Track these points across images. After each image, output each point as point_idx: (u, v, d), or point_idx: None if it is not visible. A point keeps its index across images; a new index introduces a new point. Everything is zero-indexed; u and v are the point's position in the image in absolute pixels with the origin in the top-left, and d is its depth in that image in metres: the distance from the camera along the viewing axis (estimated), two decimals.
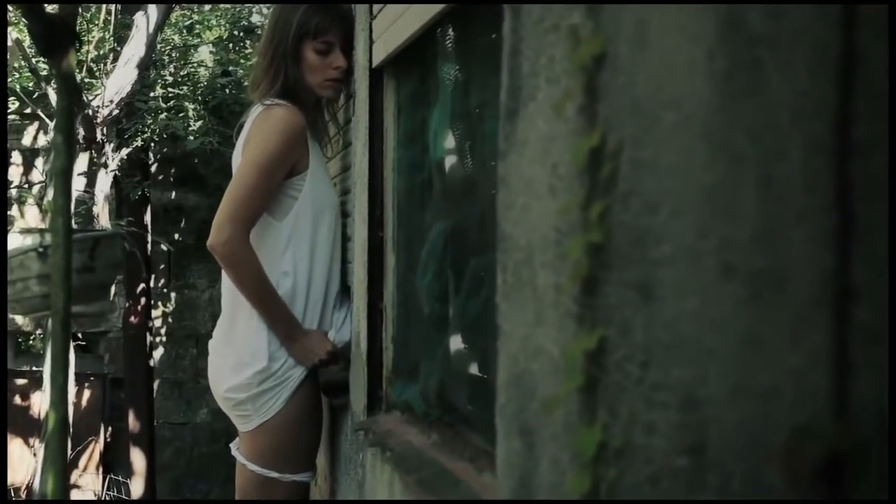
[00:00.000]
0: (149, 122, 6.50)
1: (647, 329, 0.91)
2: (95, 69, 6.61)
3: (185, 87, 6.88)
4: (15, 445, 7.97)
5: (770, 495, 0.73)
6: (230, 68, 7.12)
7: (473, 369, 2.02)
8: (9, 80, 6.86)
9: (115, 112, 5.98)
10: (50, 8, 2.21)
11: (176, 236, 8.06)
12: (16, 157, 8.06)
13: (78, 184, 6.29)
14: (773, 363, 0.73)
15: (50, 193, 5.14)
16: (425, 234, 2.36)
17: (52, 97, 5.78)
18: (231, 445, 3.14)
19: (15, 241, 4.48)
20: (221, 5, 7.58)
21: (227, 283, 2.89)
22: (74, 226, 5.47)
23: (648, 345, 0.91)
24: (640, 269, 0.92)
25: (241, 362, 2.85)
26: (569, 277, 1.07)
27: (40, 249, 4.30)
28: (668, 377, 0.87)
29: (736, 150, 0.78)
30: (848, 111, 0.65)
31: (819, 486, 0.68)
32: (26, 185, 7.91)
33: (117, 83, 5.88)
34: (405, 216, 2.58)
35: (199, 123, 6.63)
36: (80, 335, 7.82)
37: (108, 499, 7.85)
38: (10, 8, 4.58)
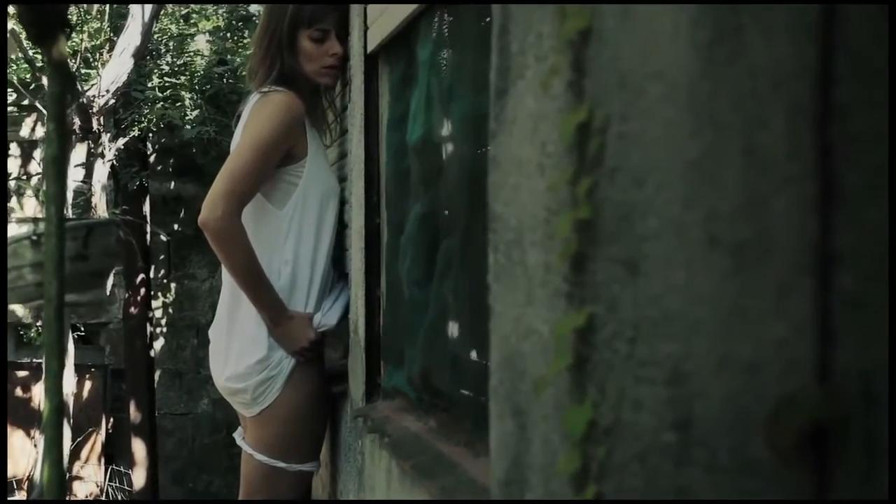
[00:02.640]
0: (145, 111, 6.48)
1: (634, 305, 0.90)
2: (91, 59, 6.60)
3: (181, 77, 6.86)
4: (16, 437, 7.98)
5: (756, 468, 0.73)
6: (227, 57, 7.10)
7: (454, 352, 2.01)
8: (6, 70, 6.85)
9: (112, 102, 5.97)
10: None
11: (175, 226, 8.05)
12: (14, 148, 8.05)
13: (76, 174, 6.28)
14: (758, 335, 0.73)
15: (44, 183, 5.14)
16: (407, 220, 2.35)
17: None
18: (235, 435, 3.14)
19: (11, 230, 4.47)
20: None
21: (227, 271, 2.88)
22: (72, 215, 5.47)
23: (636, 320, 0.90)
24: (628, 245, 0.92)
25: (241, 350, 2.85)
26: (558, 255, 1.06)
27: (34, 237, 4.29)
28: (655, 352, 0.86)
29: (720, 120, 0.77)
30: (828, 73, 0.64)
31: (803, 455, 0.67)
32: (24, 177, 7.90)
33: (113, 72, 5.87)
34: (392, 202, 2.58)
35: (195, 113, 6.61)
36: (80, 327, 7.82)
37: (109, 490, 7.87)
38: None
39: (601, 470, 0.97)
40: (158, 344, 8.12)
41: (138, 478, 7.30)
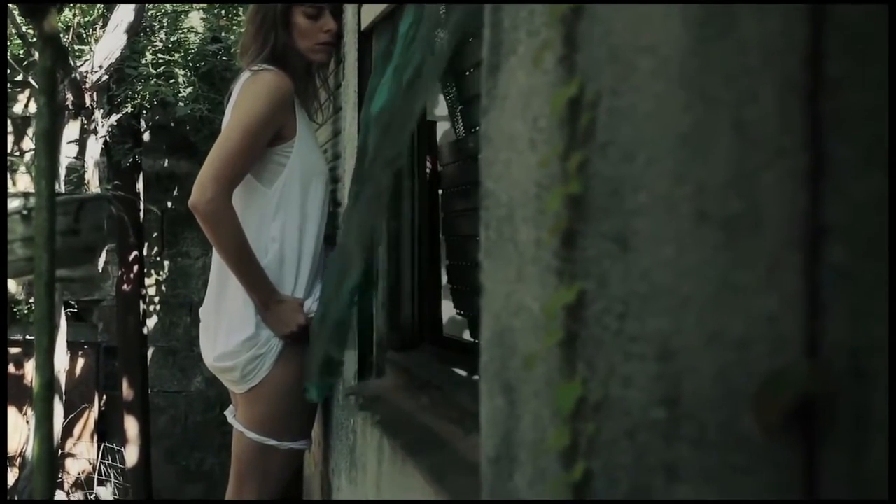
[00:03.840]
0: (139, 88, 6.46)
1: (624, 280, 0.90)
2: (84, 34, 6.56)
3: (175, 54, 6.83)
4: (8, 414, 7.98)
5: (745, 444, 0.72)
6: (221, 35, 7.07)
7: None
8: None
9: (105, 78, 5.95)
10: None
11: (168, 204, 8.03)
12: (7, 124, 8.03)
13: (69, 151, 6.26)
14: (747, 309, 0.72)
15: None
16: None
17: None
18: (227, 413, 3.14)
19: None
20: None
21: (217, 253, 2.88)
22: (64, 191, 5.45)
23: (626, 296, 0.90)
24: (618, 220, 0.91)
25: (230, 329, 2.85)
26: (549, 231, 1.06)
27: (24, 212, 4.27)
28: (645, 328, 0.86)
29: (710, 94, 0.77)
30: (819, 47, 0.63)
31: (791, 430, 0.67)
32: (18, 153, 7.87)
33: (106, 49, 5.84)
34: (356, 175, 2.56)
35: (189, 90, 6.59)
36: (73, 303, 7.81)
37: (101, 468, 7.88)
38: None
39: (590, 446, 0.96)
40: (151, 321, 8.11)
41: (131, 455, 7.30)
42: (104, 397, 8.36)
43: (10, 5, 6.01)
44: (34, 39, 6.08)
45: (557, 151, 1.03)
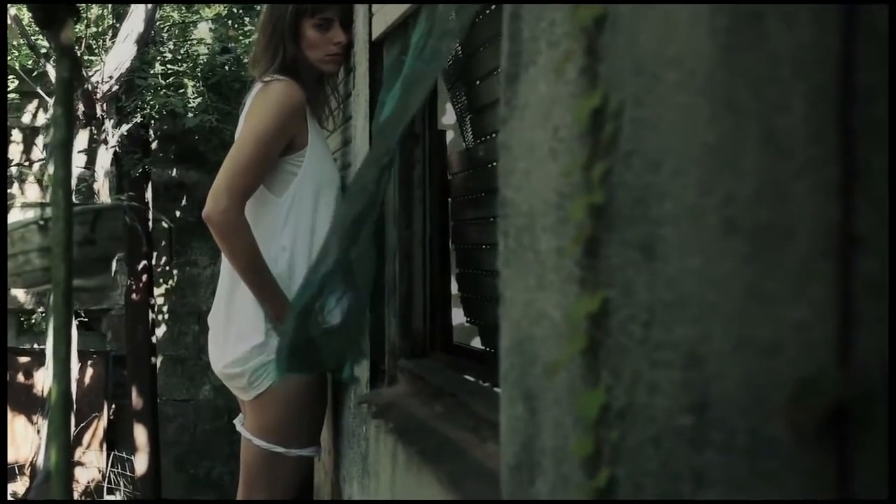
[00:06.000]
0: (148, 98, 6.48)
1: (649, 288, 0.91)
2: (95, 45, 6.59)
3: (184, 64, 6.86)
4: (18, 423, 7.99)
5: (776, 450, 0.73)
6: (230, 45, 7.09)
7: None
8: (8, 57, 6.84)
9: (115, 88, 5.97)
10: None
11: (177, 213, 8.05)
12: (16, 135, 8.05)
13: (78, 160, 6.28)
14: (776, 317, 0.73)
15: (51, 168, 5.13)
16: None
17: (52, 74, 5.77)
18: (235, 422, 3.15)
19: (16, 215, 4.47)
20: None
21: (231, 265, 2.89)
22: (75, 201, 5.47)
23: (651, 304, 0.90)
24: (643, 229, 0.92)
25: (238, 336, 2.86)
26: (571, 240, 1.06)
27: (41, 222, 4.29)
28: (671, 336, 0.87)
29: (738, 105, 0.77)
30: (851, 58, 0.64)
31: (824, 438, 0.67)
32: (27, 163, 7.89)
33: (116, 59, 5.87)
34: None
35: (198, 100, 6.61)
36: (82, 313, 7.82)
37: (111, 476, 7.88)
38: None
39: (614, 453, 0.97)
40: (160, 330, 8.12)
41: (140, 464, 7.30)
42: (113, 406, 8.37)
43: (26, 15, 6.04)
44: (44, 50, 6.10)
45: (580, 161, 1.04)
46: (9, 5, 5.92)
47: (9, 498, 6.98)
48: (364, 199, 2.21)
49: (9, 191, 7.54)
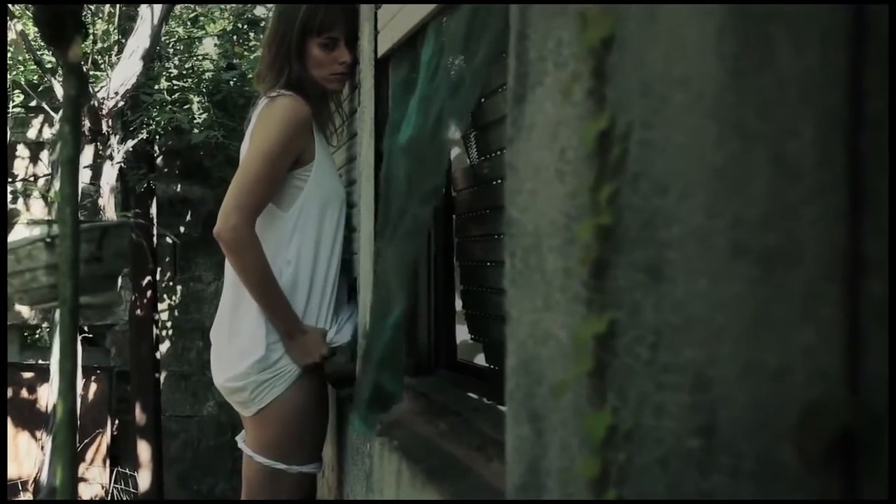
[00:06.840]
0: (154, 114, 6.50)
1: (656, 311, 0.91)
2: (100, 61, 6.61)
3: (189, 80, 6.88)
4: (22, 439, 7.99)
5: (783, 474, 0.73)
6: (235, 61, 7.11)
7: None
8: (14, 72, 6.86)
9: (121, 104, 5.99)
10: None
11: (181, 229, 8.06)
12: (21, 150, 8.07)
13: (83, 176, 6.29)
14: (784, 341, 0.73)
15: (56, 184, 5.14)
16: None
17: (58, 90, 5.79)
18: (237, 438, 3.14)
19: (22, 232, 4.47)
20: None
21: (230, 272, 2.89)
22: (81, 217, 5.47)
23: (658, 326, 0.90)
24: (650, 251, 0.92)
25: (240, 351, 2.86)
26: (578, 261, 1.07)
27: (48, 240, 4.29)
28: (679, 358, 0.87)
29: (746, 129, 0.78)
30: (859, 83, 0.64)
31: (832, 462, 0.67)
32: (32, 178, 7.91)
33: (122, 75, 5.88)
34: (381, 204, 2.56)
35: (203, 116, 6.63)
36: (86, 328, 7.83)
37: (114, 492, 7.87)
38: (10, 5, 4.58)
39: (621, 474, 0.97)
40: (164, 346, 8.13)
41: (143, 480, 7.30)
42: (117, 422, 8.37)
43: (32, 31, 6.06)
44: (49, 66, 6.12)
45: (587, 182, 1.04)
46: (16, 21, 5.94)
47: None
48: (422, 240, 2.20)
49: (13, 206, 7.55)
